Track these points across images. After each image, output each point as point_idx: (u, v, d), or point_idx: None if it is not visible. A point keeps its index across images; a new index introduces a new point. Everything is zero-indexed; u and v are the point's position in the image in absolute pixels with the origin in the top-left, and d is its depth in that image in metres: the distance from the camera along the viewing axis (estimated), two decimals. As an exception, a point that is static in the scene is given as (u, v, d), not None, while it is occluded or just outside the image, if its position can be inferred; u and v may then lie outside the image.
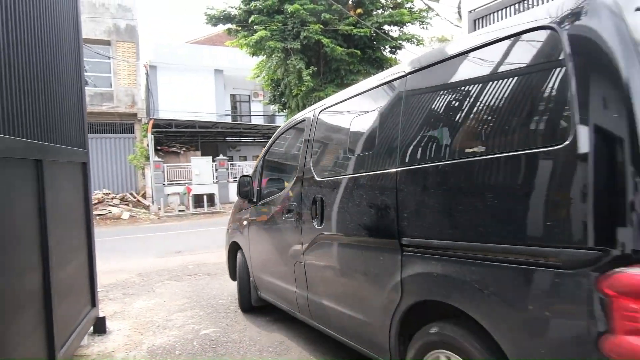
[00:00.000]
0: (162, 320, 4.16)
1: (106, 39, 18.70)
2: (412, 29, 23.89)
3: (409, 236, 1.98)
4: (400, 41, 15.68)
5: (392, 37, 15.60)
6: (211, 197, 17.36)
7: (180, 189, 17.54)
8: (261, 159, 4.07)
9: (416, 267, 1.93)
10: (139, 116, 19.44)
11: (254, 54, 15.19)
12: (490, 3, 6.08)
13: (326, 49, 14.10)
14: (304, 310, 3.09)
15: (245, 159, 24.00)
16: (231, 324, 3.95)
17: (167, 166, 18.19)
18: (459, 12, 10.19)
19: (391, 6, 15.85)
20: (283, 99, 15.93)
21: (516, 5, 5.59)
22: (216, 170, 18.82)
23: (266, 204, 3.68)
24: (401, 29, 15.81)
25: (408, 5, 15.80)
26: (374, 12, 15.62)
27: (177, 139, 20.96)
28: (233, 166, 20.50)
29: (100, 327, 3.82)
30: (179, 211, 16.50)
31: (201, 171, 17.90)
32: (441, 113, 1.98)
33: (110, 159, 19.22)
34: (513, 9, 5.65)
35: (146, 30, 60.51)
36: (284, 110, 16.69)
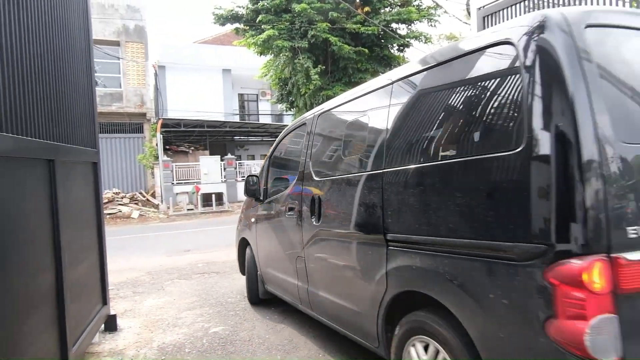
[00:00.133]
0: (171, 318, 4.20)
1: (115, 39, 18.86)
2: (420, 26, 23.74)
3: (392, 232, 2.17)
4: (408, 39, 15.61)
5: (400, 35, 15.52)
6: (219, 196, 17.46)
7: (189, 188, 17.66)
8: (268, 159, 4.27)
9: (399, 260, 2.12)
10: (148, 116, 19.59)
11: (262, 53, 15.25)
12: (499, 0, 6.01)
13: (334, 47, 14.10)
14: (305, 302, 3.30)
15: (253, 157, 24.08)
16: (240, 322, 3.98)
17: (175, 165, 18.31)
18: (467, 9, 10.12)
19: (399, 4, 15.77)
20: (291, 97, 15.94)
21: (525, 2, 5.53)
22: (224, 169, 18.92)
23: (271, 202, 3.90)
24: (409, 26, 15.74)
25: (416, 2, 15.74)
26: (382, 10, 15.56)
27: (185, 138, 21.10)
28: (241, 165, 20.59)
29: (111, 324, 3.87)
30: (188, 210, 16.62)
31: (209, 170, 18.01)
32: (417, 120, 2.17)
33: (120, 159, 19.41)
34: (522, 5, 5.58)
35: (155, 31, 60.96)
36: (292, 109, 16.71)
